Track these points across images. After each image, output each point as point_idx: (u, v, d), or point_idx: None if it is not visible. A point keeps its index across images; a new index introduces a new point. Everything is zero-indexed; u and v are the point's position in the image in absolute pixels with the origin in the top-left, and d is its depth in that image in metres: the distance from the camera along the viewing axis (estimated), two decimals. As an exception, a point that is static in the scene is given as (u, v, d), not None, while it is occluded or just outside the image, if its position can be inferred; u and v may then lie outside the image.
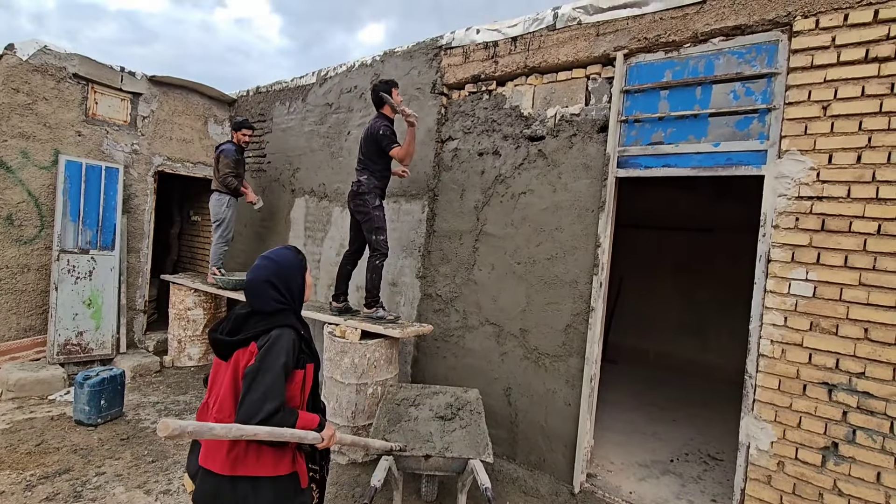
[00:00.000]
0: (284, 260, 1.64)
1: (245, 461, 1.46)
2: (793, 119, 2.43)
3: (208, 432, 1.25)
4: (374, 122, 3.57)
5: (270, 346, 1.48)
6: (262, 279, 1.57)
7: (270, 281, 1.57)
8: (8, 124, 4.39)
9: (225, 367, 1.54)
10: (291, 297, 1.62)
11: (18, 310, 4.52)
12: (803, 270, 2.37)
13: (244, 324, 1.56)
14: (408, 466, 2.52)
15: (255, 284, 1.57)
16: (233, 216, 4.94)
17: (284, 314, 1.58)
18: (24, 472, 2.93)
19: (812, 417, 2.33)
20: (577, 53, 3.23)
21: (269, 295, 1.56)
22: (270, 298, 1.56)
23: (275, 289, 1.57)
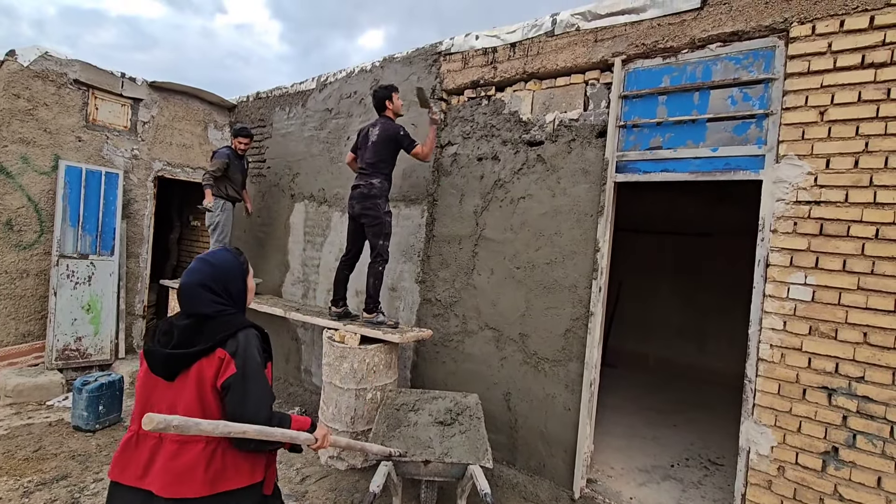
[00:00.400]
0: (222, 262, 1.55)
1: (225, 475, 1.38)
2: (790, 124, 2.44)
3: (194, 427, 1.20)
4: (385, 123, 3.54)
5: (246, 349, 1.42)
6: (196, 283, 1.49)
7: (206, 284, 1.49)
8: (8, 130, 4.40)
9: (178, 384, 1.40)
10: (232, 300, 1.53)
11: (17, 315, 4.52)
12: (802, 275, 2.37)
13: (196, 333, 1.43)
14: (407, 472, 2.51)
15: (188, 288, 1.48)
16: (227, 220, 4.89)
17: (236, 316, 1.51)
18: (21, 479, 2.91)
19: (812, 422, 2.32)
20: (575, 59, 3.25)
21: (204, 298, 1.47)
22: (208, 301, 1.48)
23: (211, 292, 1.49)
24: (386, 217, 3.53)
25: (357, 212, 3.58)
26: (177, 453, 1.35)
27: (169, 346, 1.42)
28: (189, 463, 1.34)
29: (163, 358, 1.41)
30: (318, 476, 3.23)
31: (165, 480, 1.33)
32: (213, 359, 1.40)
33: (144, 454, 1.37)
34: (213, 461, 1.36)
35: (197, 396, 1.39)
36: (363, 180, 3.55)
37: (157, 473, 1.34)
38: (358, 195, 3.57)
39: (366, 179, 3.54)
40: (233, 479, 1.40)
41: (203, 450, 1.36)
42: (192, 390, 1.39)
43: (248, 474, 1.43)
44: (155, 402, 1.41)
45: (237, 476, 1.41)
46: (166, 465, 1.34)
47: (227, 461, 1.39)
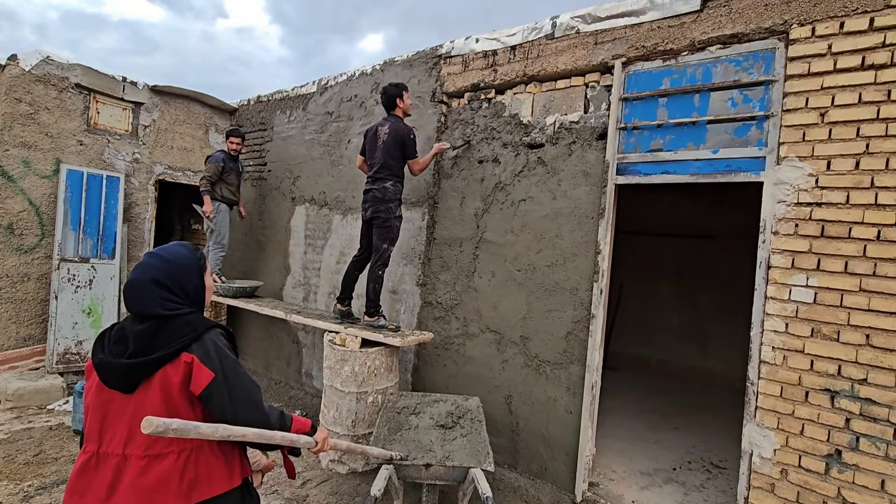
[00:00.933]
0: (177, 258, 1.41)
1: (200, 484, 1.28)
2: (791, 126, 2.44)
3: (193, 430, 1.13)
4: (395, 122, 3.49)
5: (217, 350, 1.33)
6: (149, 279, 1.33)
7: (159, 280, 1.34)
8: (10, 134, 4.42)
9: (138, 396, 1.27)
10: (188, 298, 1.40)
11: (18, 319, 4.52)
12: (804, 276, 2.37)
13: (155, 338, 1.30)
14: (408, 475, 2.50)
15: (138, 284, 1.33)
16: (224, 222, 4.92)
17: (196, 316, 1.39)
18: (21, 483, 2.91)
19: (815, 424, 2.31)
20: (575, 62, 3.26)
21: (156, 295, 1.33)
22: (159, 298, 1.33)
23: (165, 289, 1.35)
24: (396, 222, 3.50)
25: (370, 215, 3.54)
26: (145, 469, 1.23)
27: (125, 356, 1.28)
28: (160, 478, 1.24)
29: (120, 369, 1.27)
30: (318, 480, 3.22)
31: (135, 499, 1.22)
32: (179, 364, 1.28)
33: (107, 475, 1.24)
34: (186, 472, 1.26)
35: (164, 406, 1.26)
36: (377, 184, 3.49)
37: (125, 493, 1.22)
38: (371, 199, 3.52)
39: (379, 183, 3.48)
40: (209, 486, 1.30)
41: (175, 461, 1.25)
42: (156, 400, 1.26)
43: (225, 480, 1.34)
44: (112, 417, 1.28)
45: (214, 483, 1.31)
46: (134, 483, 1.22)
47: (202, 469, 1.29)
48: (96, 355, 1.33)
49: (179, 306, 1.36)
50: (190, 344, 1.30)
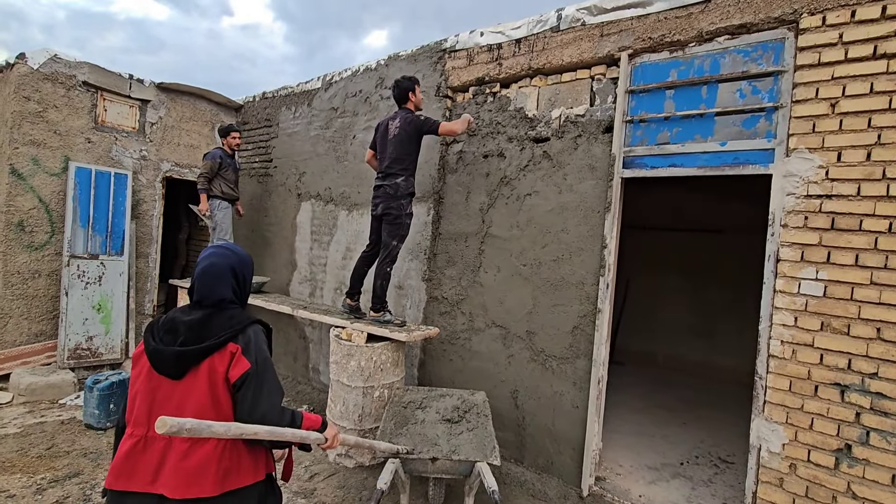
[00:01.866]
0: (242, 255, 1.61)
1: (232, 472, 1.37)
2: (800, 117, 2.41)
3: (206, 430, 1.17)
4: (406, 115, 3.44)
5: (257, 344, 1.44)
6: (227, 265, 1.51)
7: (234, 269, 1.53)
8: (19, 132, 4.46)
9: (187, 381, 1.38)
10: (243, 291, 1.58)
11: (30, 315, 4.58)
12: (813, 269, 2.34)
13: (205, 328, 1.42)
14: (414, 469, 2.52)
15: (220, 268, 1.49)
16: (226, 218, 4.94)
17: (241, 311, 1.53)
18: (34, 476, 2.95)
19: (824, 419, 2.29)
20: (581, 54, 3.23)
21: (228, 282, 1.50)
22: (229, 286, 1.50)
23: (234, 278, 1.52)
24: (406, 219, 3.47)
25: (380, 211, 3.49)
26: (187, 453, 1.33)
27: (177, 344, 1.38)
28: (201, 462, 1.33)
29: (173, 356, 1.37)
30: (326, 474, 3.24)
31: (178, 481, 1.31)
32: (225, 353, 1.39)
33: (154, 458, 1.34)
34: (222, 459, 1.35)
35: (209, 393, 1.37)
36: (388, 180, 3.45)
37: (169, 475, 1.31)
38: (383, 195, 3.47)
39: (391, 179, 3.44)
40: (239, 477, 1.39)
41: (214, 448, 1.34)
42: (203, 387, 1.36)
43: (252, 472, 1.42)
44: (160, 402, 1.37)
45: (243, 474, 1.40)
46: (178, 466, 1.32)
47: (234, 460, 1.38)
48: (149, 343, 1.41)
49: (235, 297, 1.52)
50: (236, 335, 1.42)
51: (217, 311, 1.46)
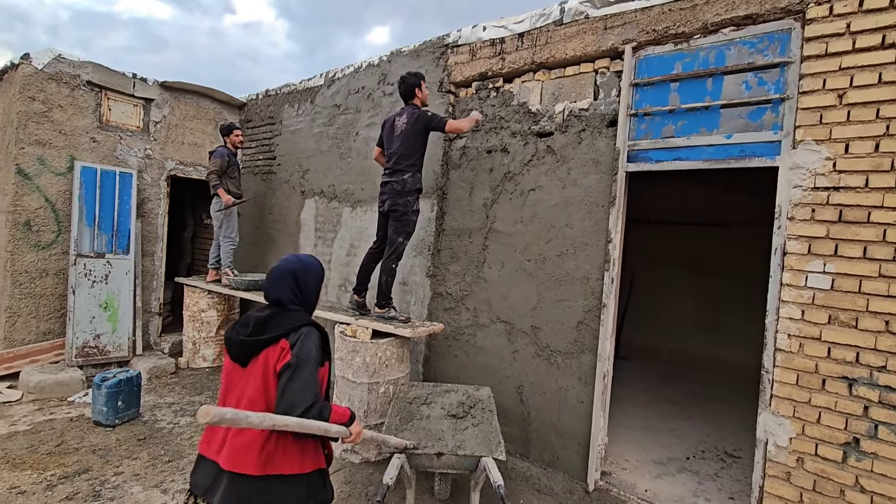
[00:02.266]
0: (310, 264, 1.76)
1: (275, 458, 1.50)
2: (807, 108, 2.38)
3: (244, 420, 1.26)
4: (413, 111, 3.41)
5: (303, 341, 1.55)
6: (287, 270, 1.69)
7: (294, 273, 1.68)
8: (25, 132, 4.49)
9: (249, 369, 1.56)
10: (305, 296, 1.71)
11: (38, 314, 4.62)
12: (820, 262, 2.32)
13: (267, 324, 1.59)
14: (420, 465, 2.52)
15: (280, 272, 1.69)
16: (232, 216, 5.00)
17: (302, 314, 1.66)
18: (44, 472, 2.99)
19: (832, 413, 2.28)
20: (584, 48, 3.20)
21: (287, 285, 1.66)
22: (288, 289, 1.66)
23: (294, 282, 1.68)
24: (413, 216, 3.46)
25: (387, 208, 3.47)
26: (239, 433, 1.49)
27: (244, 335, 1.58)
28: (247, 442, 1.48)
29: (238, 345, 1.58)
30: (332, 469, 3.25)
31: (229, 455, 1.48)
32: (277, 347, 1.54)
33: (222, 432, 1.53)
34: (266, 445, 1.48)
35: (262, 381, 1.53)
36: (395, 177, 3.43)
37: (226, 448, 1.50)
38: (390, 191, 3.45)
39: (398, 175, 3.41)
40: (282, 464, 1.50)
41: (259, 433, 1.48)
42: (258, 375, 1.53)
43: (297, 463, 1.53)
44: (232, 385, 1.59)
45: (286, 463, 1.51)
46: (231, 442, 1.49)
47: (279, 447, 1.50)
48: (228, 333, 1.64)
49: (296, 299, 1.67)
50: (289, 332, 1.57)
51: (281, 311, 1.63)
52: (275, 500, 1.49)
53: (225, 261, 5.03)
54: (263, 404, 1.51)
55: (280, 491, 1.50)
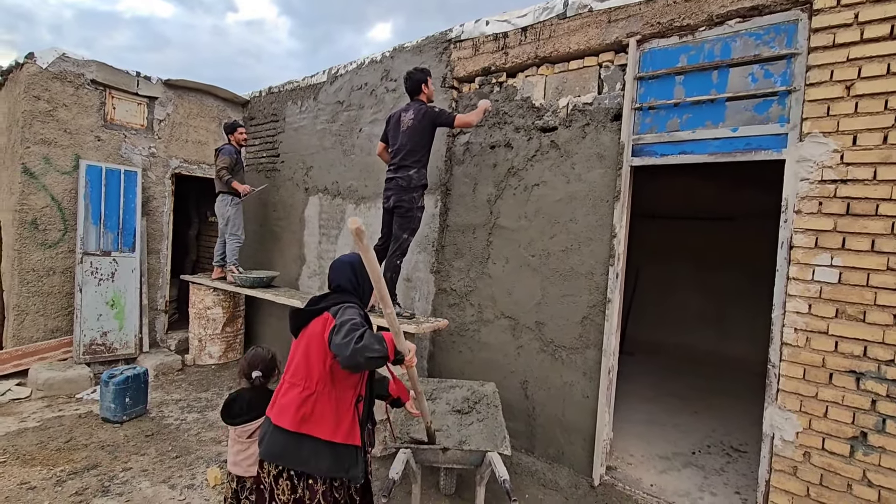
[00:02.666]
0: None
1: (310, 421, 1.69)
2: (814, 100, 2.36)
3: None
4: (419, 106, 3.39)
5: (343, 311, 1.72)
6: (347, 262, 1.94)
7: (353, 265, 1.92)
8: (30, 131, 4.51)
9: (298, 339, 1.80)
10: (361, 287, 1.92)
11: (45, 311, 4.65)
12: (828, 256, 2.30)
13: (321, 301, 1.84)
14: (426, 460, 2.53)
15: (341, 264, 1.94)
16: (237, 214, 5.02)
17: (352, 298, 1.87)
18: (54, 468, 3.02)
19: (839, 407, 2.26)
20: (588, 41, 3.18)
21: (347, 275, 1.90)
22: (346, 277, 1.89)
23: (353, 272, 1.90)
24: (418, 212, 3.45)
25: (392, 204, 3.45)
26: (285, 392, 1.75)
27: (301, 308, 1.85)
28: (287, 401, 1.71)
29: (293, 316, 1.84)
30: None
31: (276, 411, 1.74)
32: (321, 319, 1.75)
33: (280, 393, 1.79)
34: (302, 406, 1.69)
35: (304, 348, 1.75)
36: (401, 172, 3.41)
37: (276, 406, 1.76)
38: (395, 187, 3.42)
39: (404, 171, 3.40)
40: (314, 428, 1.69)
41: (298, 394, 1.71)
42: (303, 344, 1.77)
43: (328, 431, 1.69)
44: (290, 356, 1.82)
45: (318, 428, 1.69)
46: (280, 401, 1.75)
47: (315, 412, 1.70)
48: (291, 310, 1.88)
49: (353, 288, 1.89)
50: (331, 306, 1.77)
51: (335, 294, 1.87)
52: (304, 457, 1.68)
53: (231, 258, 5.05)
54: (304, 370, 1.74)
55: (309, 450, 1.68)
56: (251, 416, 2.15)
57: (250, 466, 2.16)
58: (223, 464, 3.09)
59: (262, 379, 2.22)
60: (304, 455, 1.68)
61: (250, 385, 2.22)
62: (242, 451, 2.19)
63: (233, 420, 2.16)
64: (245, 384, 2.24)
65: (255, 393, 2.21)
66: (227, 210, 4.96)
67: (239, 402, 2.18)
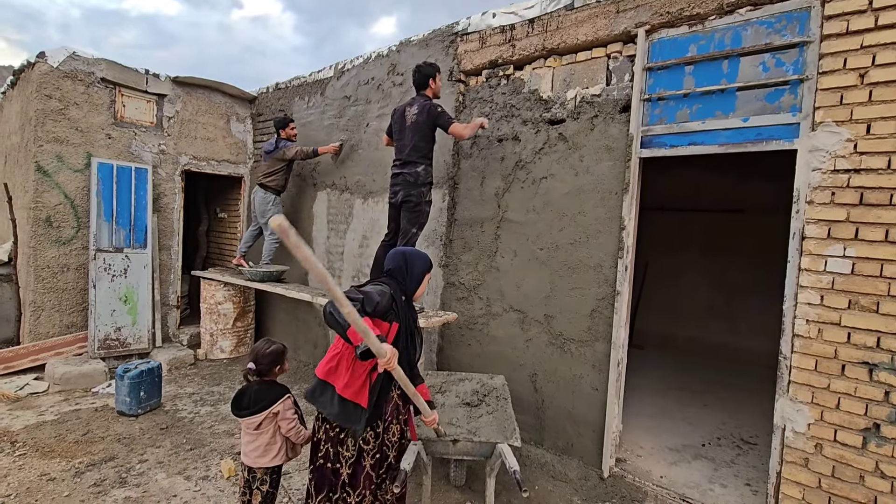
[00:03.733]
0: (415, 253, 2.21)
1: (334, 374, 2.00)
2: (827, 89, 2.32)
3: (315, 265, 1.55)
4: (424, 102, 3.38)
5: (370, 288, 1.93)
6: (401, 252, 2.17)
7: (405, 254, 2.15)
8: (43, 130, 4.57)
9: None
10: (409, 273, 2.12)
11: (61, 307, 4.74)
12: (840, 247, 2.28)
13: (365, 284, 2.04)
14: (436, 451, 2.55)
15: (395, 252, 2.17)
16: (277, 213, 5.04)
17: (395, 284, 2.04)
18: (72, 460, 3.08)
19: (852, 398, 2.25)
20: (596, 32, 3.16)
21: (398, 262, 2.11)
22: (397, 263, 2.11)
23: (404, 260, 2.13)
24: (426, 207, 3.45)
25: (400, 199, 3.45)
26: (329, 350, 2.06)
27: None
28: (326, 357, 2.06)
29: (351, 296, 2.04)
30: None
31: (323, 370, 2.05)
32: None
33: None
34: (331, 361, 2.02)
35: None
36: (408, 168, 3.41)
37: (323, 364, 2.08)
38: (402, 182, 3.42)
39: (411, 167, 3.40)
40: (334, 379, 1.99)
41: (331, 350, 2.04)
42: None
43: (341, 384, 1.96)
44: None
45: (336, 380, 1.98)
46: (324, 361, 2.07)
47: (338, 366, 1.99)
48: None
49: (401, 274, 2.10)
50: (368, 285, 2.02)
51: (386, 277, 2.10)
52: (324, 401, 1.99)
53: (266, 257, 5.04)
54: (341, 344, 2.00)
55: (327, 396, 1.99)
56: (258, 409, 2.19)
57: (258, 458, 2.21)
58: (236, 456, 3.14)
59: (255, 374, 2.23)
60: (325, 399, 1.99)
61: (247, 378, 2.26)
62: (251, 443, 2.22)
63: (240, 412, 2.21)
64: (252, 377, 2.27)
65: (262, 386, 2.25)
66: (271, 210, 4.92)
67: (247, 395, 2.23)
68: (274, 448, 2.23)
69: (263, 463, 2.22)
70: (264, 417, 2.18)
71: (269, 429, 2.21)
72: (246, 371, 2.25)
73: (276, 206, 5.00)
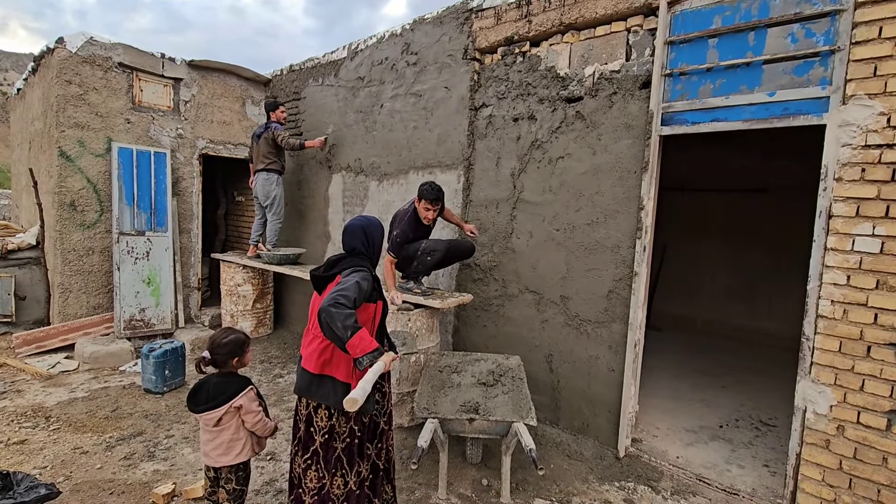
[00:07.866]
0: (374, 221, 2.20)
1: (330, 365, 1.98)
2: (860, 60, 2.22)
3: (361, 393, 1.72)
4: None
5: (350, 276, 1.94)
6: (358, 226, 2.12)
7: (363, 228, 2.12)
8: (64, 115, 4.64)
9: (319, 297, 2.05)
10: (372, 247, 2.14)
11: (87, 289, 4.88)
12: (870, 225, 2.20)
13: (335, 265, 2.07)
14: (453, 430, 2.59)
15: (352, 228, 2.12)
16: (281, 193, 5.15)
17: (363, 260, 2.07)
18: (103, 435, 3.21)
19: (877, 380, 2.20)
20: (616, 5, 3.06)
21: (359, 238, 2.09)
22: (359, 240, 2.09)
23: (364, 235, 2.11)
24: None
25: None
26: (310, 342, 2.02)
27: (320, 271, 2.09)
28: (311, 350, 2.00)
29: (315, 279, 2.10)
30: (367, 434, 3.37)
31: (304, 357, 2.04)
32: (334, 282, 2.00)
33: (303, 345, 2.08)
34: (322, 354, 1.97)
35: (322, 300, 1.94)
36: None
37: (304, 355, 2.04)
38: None
39: None
40: (333, 370, 1.97)
41: (318, 344, 1.98)
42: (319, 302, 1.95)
43: (342, 374, 1.96)
44: (312, 311, 2.04)
45: (336, 370, 1.97)
46: (306, 348, 2.04)
47: (333, 359, 1.97)
48: (311, 271, 2.12)
49: (366, 249, 2.11)
50: (343, 271, 2.02)
51: (348, 257, 2.09)
52: (323, 391, 1.96)
53: (272, 238, 5.17)
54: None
55: (328, 387, 1.96)
56: (217, 403, 2.04)
57: (221, 456, 2.08)
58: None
59: (210, 364, 2.09)
60: (325, 391, 1.97)
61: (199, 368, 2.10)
62: (211, 441, 2.08)
63: (197, 408, 2.05)
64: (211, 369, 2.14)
65: (221, 378, 2.11)
66: (275, 190, 5.06)
67: (205, 389, 2.08)
68: (238, 444, 2.09)
69: (227, 461, 2.09)
70: (225, 412, 2.04)
71: (230, 424, 2.07)
72: (199, 360, 2.08)
73: (279, 186, 5.10)
